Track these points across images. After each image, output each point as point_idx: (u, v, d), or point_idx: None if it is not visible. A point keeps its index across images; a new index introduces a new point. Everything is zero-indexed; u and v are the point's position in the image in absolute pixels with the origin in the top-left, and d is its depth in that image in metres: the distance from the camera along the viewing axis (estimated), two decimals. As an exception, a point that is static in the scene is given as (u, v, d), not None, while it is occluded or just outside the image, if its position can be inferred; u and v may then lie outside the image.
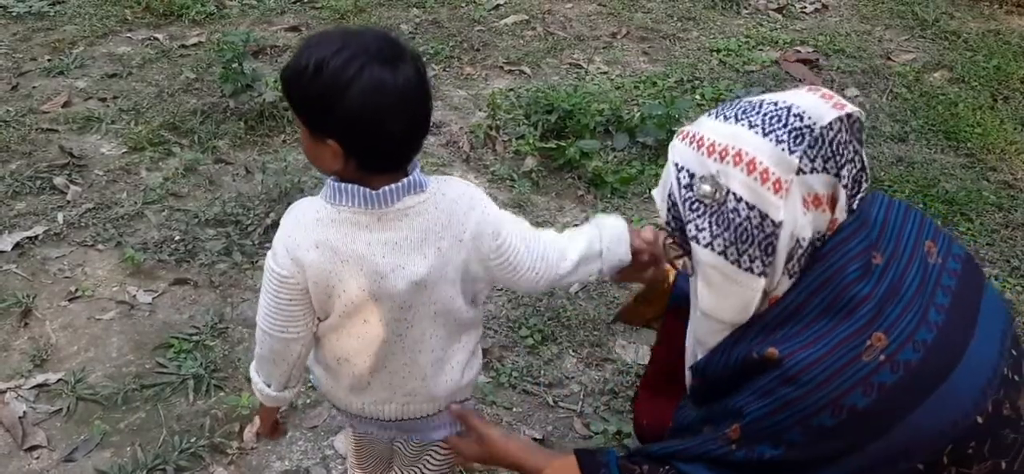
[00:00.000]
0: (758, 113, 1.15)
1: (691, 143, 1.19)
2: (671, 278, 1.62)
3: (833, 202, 1.14)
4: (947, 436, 1.09)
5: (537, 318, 2.53)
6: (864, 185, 1.18)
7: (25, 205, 2.95)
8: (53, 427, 2.17)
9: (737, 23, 4.60)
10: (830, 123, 1.12)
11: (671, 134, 3.40)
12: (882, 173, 3.32)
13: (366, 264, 1.30)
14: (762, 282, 1.15)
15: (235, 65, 3.40)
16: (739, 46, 4.31)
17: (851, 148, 1.15)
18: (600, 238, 1.46)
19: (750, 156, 1.12)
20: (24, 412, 2.19)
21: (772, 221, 1.12)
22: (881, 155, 3.46)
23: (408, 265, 1.31)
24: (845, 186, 1.14)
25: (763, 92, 3.93)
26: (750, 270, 1.15)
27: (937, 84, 4.05)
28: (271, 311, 1.36)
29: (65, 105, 3.56)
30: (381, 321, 1.36)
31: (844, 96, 3.93)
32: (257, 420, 2.17)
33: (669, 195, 1.22)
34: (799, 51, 4.28)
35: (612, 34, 4.42)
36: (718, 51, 4.26)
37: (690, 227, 1.18)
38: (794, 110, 1.13)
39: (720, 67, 4.12)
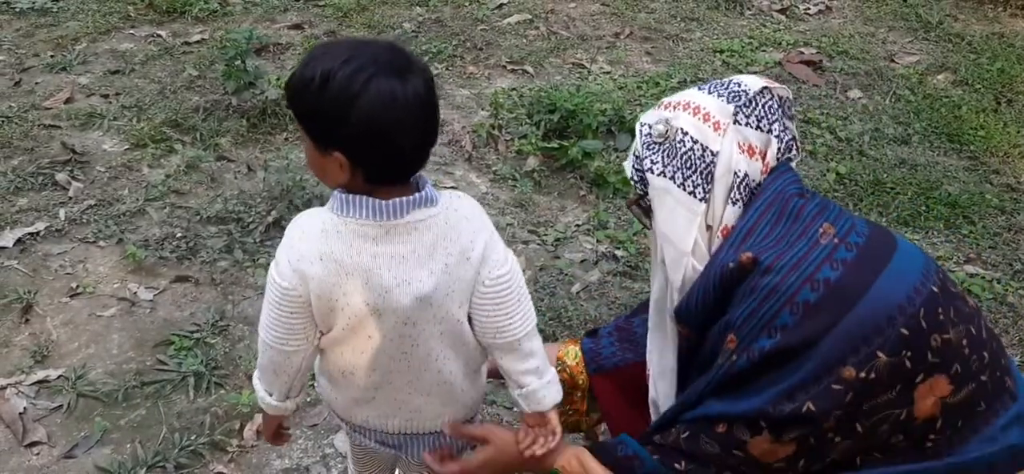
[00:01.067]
0: (707, 84, 1.46)
1: (654, 109, 1.48)
2: (561, 354, 1.77)
3: (764, 156, 1.39)
4: (915, 300, 1.26)
5: (538, 318, 2.51)
6: (794, 153, 1.43)
7: (27, 201, 2.95)
8: (53, 423, 2.17)
9: (740, 24, 4.60)
10: (760, 90, 1.40)
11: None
12: (885, 176, 3.31)
13: (371, 277, 1.28)
14: (703, 207, 1.38)
15: (238, 62, 3.40)
16: (742, 47, 4.30)
17: (780, 115, 1.41)
18: (541, 374, 1.41)
19: (696, 104, 1.41)
20: (25, 408, 2.19)
21: (711, 151, 1.37)
22: (884, 157, 3.45)
23: (414, 280, 1.29)
24: (776, 138, 1.39)
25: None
26: (693, 195, 1.38)
27: (940, 86, 4.05)
28: (272, 323, 1.33)
29: (68, 101, 3.56)
30: (385, 337, 1.33)
31: (847, 97, 3.95)
32: (258, 418, 2.17)
33: (633, 154, 1.47)
34: (802, 52, 4.27)
35: (615, 34, 4.41)
36: (721, 52, 4.26)
37: (646, 162, 1.43)
38: (734, 81, 1.43)
39: (723, 68, 4.11)
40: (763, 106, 1.40)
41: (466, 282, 1.32)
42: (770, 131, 1.39)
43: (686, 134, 1.39)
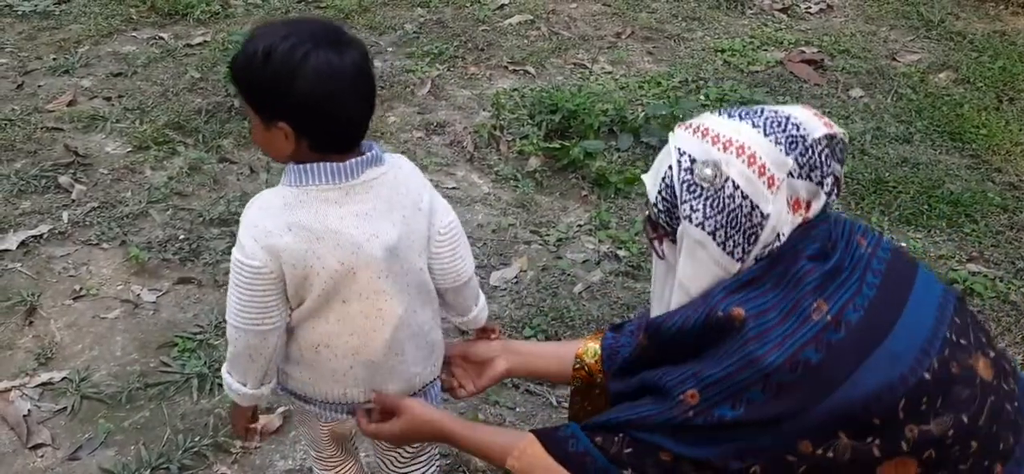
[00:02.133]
0: (760, 116, 1.28)
1: (695, 132, 1.29)
2: (580, 350, 1.69)
3: (809, 206, 1.28)
4: (897, 391, 1.17)
5: (541, 318, 2.53)
6: (835, 197, 1.31)
7: (30, 204, 2.96)
8: (57, 425, 2.17)
9: (742, 23, 4.60)
10: (820, 138, 1.25)
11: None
12: (887, 174, 3.31)
13: (342, 237, 1.34)
14: (737, 266, 1.27)
15: (240, 64, 3.41)
16: (744, 46, 4.30)
17: (833, 164, 1.28)
18: (477, 300, 1.61)
19: (751, 150, 1.24)
20: (29, 410, 2.20)
21: (761, 212, 1.23)
22: (886, 156, 3.45)
23: (381, 232, 1.36)
24: (826, 193, 1.27)
25: (767, 93, 3.92)
26: (731, 254, 1.25)
27: (942, 85, 4.04)
28: (244, 306, 1.36)
29: (70, 104, 3.57)
30: (359, 296, 1.38)
31: (849, 96, 3.95)
32: (262, 420, 2.17)
33: (663, 178, 1.31)
34: (804, 51, 4.27)
35: (616, 34, 4.42)
36: (723, 51, 4.26)
37: (685, 207, 1.27)
38: (792, 120, 1.26)
39: (725, 67, 4.11)
40: (820, 155, 1.25)
41: (421, 232, 1.42)
42: (821, 183, 1.26)
43: (737, 188, 1.22)
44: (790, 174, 1.23)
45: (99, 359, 2.37)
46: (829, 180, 1.27)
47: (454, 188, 3.11)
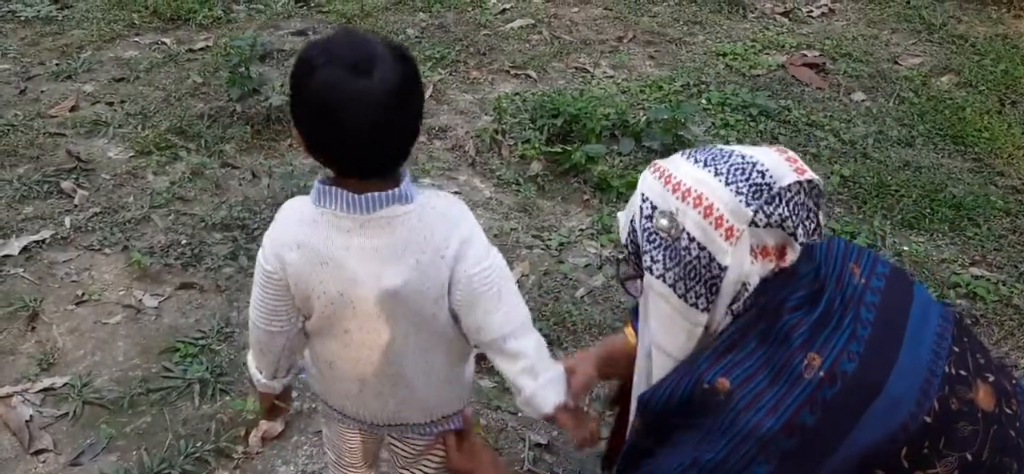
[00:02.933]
0: (726, 162, 1.22)
1: (660, 177, 1.26)
2: (630, 336, 1.65)
3: (781, 252, 1.21)
4: (898, 440, 1.14)
5: (542, 323, 2.52)
6: (817, 238, 1.24)
7: (32, 209, 2.96)
8: (59, 431, 2.17)
9: (743, 27, 4.60)
10: (789, 185, 1.19)
11: (677, 138, 3.41)
12: (889, 178, 3.31)
13: (344, 269, 1.31)
14: (704, 317, 1.22)
15: (242, 69, 3.41)
16: (745, 50, 4.30)
17: (807, 210, 1.21)
18: (535, 375, 1.40)
19: (709, 201, 1.20)
20: (31, 416, 2.20)
21: (718, 264, 1.19)
22: (888, 159, 3.45)
23: (384, 275, 1.30)
24: (799, 243, 1.20)
25: (769, 97, 3.91)
26: (695, 306, 1.22)
27: (944, 88, 4.04)
28: (257, 302, 1.39)
29: (72, 109, 3.58)
30: (361, 329, 1.36)
31: (851, 100, 3.94)
32: (264, 425, 2.17)
33: (632, 221, 1.29)
34: (805, 55, 4.27)
35: (618, 38, 4.42)
36: (724, 55, 4.26)
37: (646, 257, 1.25)
38: (759, 167, 1.20)
39: (726, 71, 4.11)
40: (789, 204, 1.19)
41: (439, 280, 1.32)
42: (794, 233, 1.20)
43: (693, 240, 1.20)
44: (754, 223, 1.18)
45: (101, 364, 2.37)
46: (802, 229, 1.21)
47: (456, 192, 3.11)
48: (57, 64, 3.93)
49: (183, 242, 2.82)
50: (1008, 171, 3.41)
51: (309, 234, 1.30)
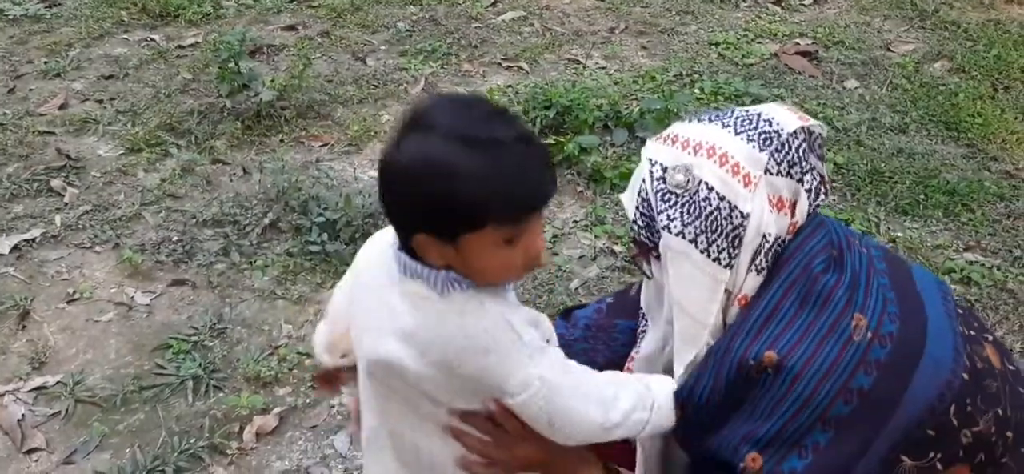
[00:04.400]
0: (731, 117, 1.23)
1: (665, 141, 1.25)
2: None
3: (794, 207, 1.21)
4: (946, 398, 1.13)
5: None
6: (822, 196, 1.24)
7: (22, 208, 2.94)
8: (52, 429, 2.16)
9: (735, 16, 4.58)
10: (795, 131, 1.20)
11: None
12: (883, 164, 3.31)
13: (356, 318, 1.26)
14: (727, 274, 1.19)
15: (231, 65, 3.39)
16: (738, 39, 4.29)
17: (812, 159, 1.22)
18: (649, 388, 1.26)
19: (722, 150, 1.19)
20: (23, 415, 2.18)
21: (741, 212, 1.17)
22: (882, 146, 3.44)
23: (384, 341, 1.18)
24: (807, 191, 1.21)
25: (762, 85, 3.91)
26: (717, 260, 1.19)
27: (937, 74, 4.04)
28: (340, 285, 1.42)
29: (62, 107, 3.55)
30: (363, 375, 1.28)
31: (844, 88, 3.94)
32: (258, 420, 2.16)
33: (639, 192, 1.26)
34: (798, 44, 4.26)
35: (610, 29, 4.40)
36: (717, 45, 4.24)
37: (661, 217, 1.22)
38: (764, 116, 1.21)
39: (719, 60, 4.10)
40: (796, 150, 1.19)
41: (449, 388, 1.18)
42: (801, 180, 1.20)
43: (712, 190, 1.18)
44: (768, 171, 1.18)
45: (93, 362, 2.35)
46: (809, 177, 1.21)
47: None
48: (46, 62, 3.90)
49: (174, 239, 2.80)
50: (1001, 156, 3.41)
51: (363, 270, 1.28)
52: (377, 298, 1.21)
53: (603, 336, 1.59)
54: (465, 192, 1.07)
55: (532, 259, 1.17)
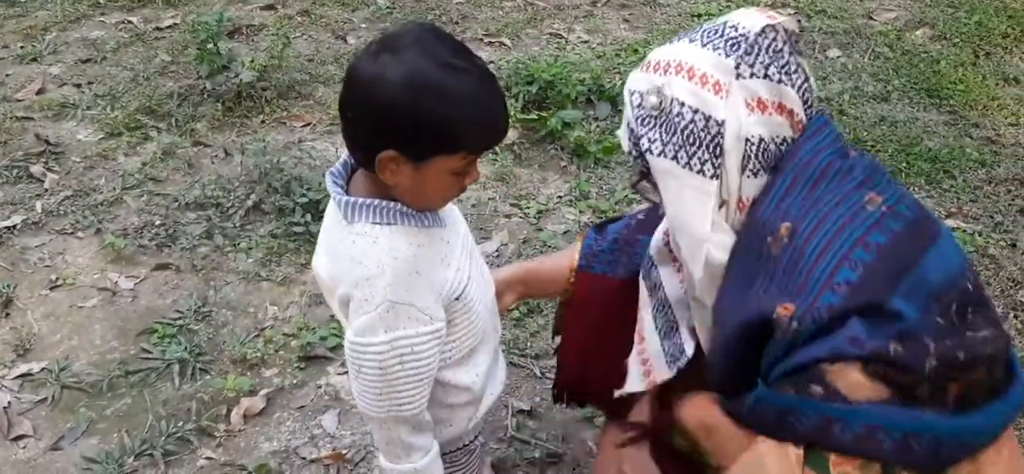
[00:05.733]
0: (698, 31, 1.25)
1: (641, 70, 1.29)
2: (574, 259, 1.68)
3: (784, 108, 1.21)
4: (951, 290, 1.14)
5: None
6: (812, 95, 1.24)
7: (2, 195, 2.91)
8: (38, 416, 2.15)
9: (718, -13, 4.57)
10: (763, 30, 1.20)
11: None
12: (864, 133, 3.32)
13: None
14: (714, 184, 1.21)
15: (210, 46, 3.36)
16: (720, 10, 4.28)
17: (790, 57, 1.21)
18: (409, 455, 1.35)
19: (689, 64, 1.21)
20: (8, 402, 2.17)
21: (715, 121, 1.19)
22: (864, 115, 3.45)
23: (320, 256, 1.34)
24: (794, 87, 1.21)
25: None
26: (702, 173, 1.21)
27: (919, 42, 4.05)
28: None
29: (39, 92, 3.51)
30: None
31: (826, 57, 3.93)
32: (245, 402, 2.16)
33: (627, 124, 1.30)
34: (781, 13, 4.25)
35: (592, 2, 4.38)
36: (699, 17, 4.23)
37: (643, 141, 1.26)
38: (729, 23, 1.23)
39: (701, 32, 4.09)
40: (767, 50, 1.19)
41: (338, 305, 1.31)
42: (781, 79, 1.20)
43: (684, 105, 1.21)
44: (740, 76, 1.18)
45: (78, 348, 2.34)
46: (791, 75, 1.20)
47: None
48: (22, 47, 3.85)
49: (157, 223, 2.78)
50: (983, 122, 3.43)
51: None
52: (325, 221, 1.33)
53: (627, 250, 1.64)
54: (454, 114, 1.14)
55: (462, 191, 1.26)
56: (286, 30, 3.92)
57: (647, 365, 1.53)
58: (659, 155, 1.24)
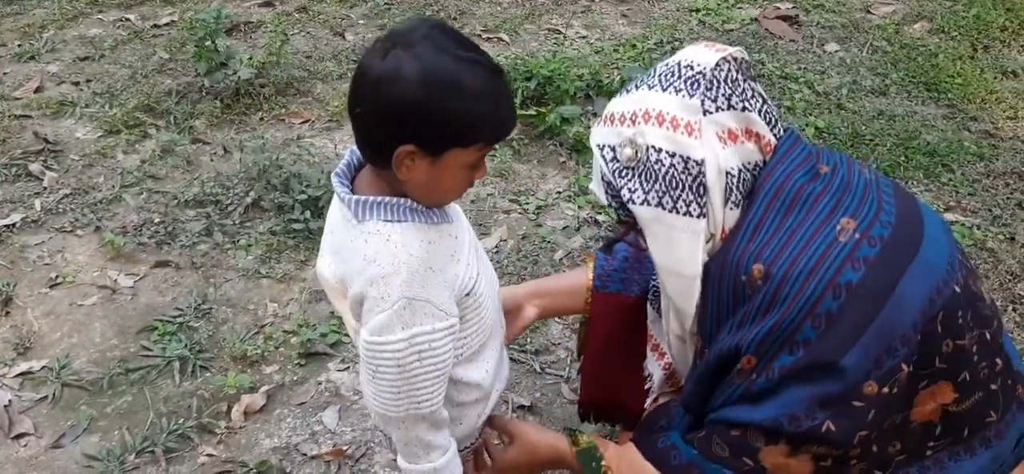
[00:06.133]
0: (654, 76, 1.27)
1: (605, 123, 1.29)
2: (589, 281, 1.70)
3: (751, 133, 1.24)
4: (936, 303, 1.15)
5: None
6: (774, 114, 1.27)
7: (1, 193, 2.91)
8: (39, 414, 2.15)
9: (716, -18, 4.56)
10: (718, 64, 1.22)
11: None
12: (863, 127, 3.32)
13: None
14: (702, 223, 1.23)
15: (208, 43, 3.35)
16: (718, 5, 4.28)
17: (746, 85, 1.24)
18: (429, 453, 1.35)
19: (657, 110, 1.22)
20: (9, 400, 2.17)
21: (694, 160, 1.21)
22: (862, 109, 3.46)
23: (324, 256, 1.33)
24: (757, 112, 1.24)
25: (743, 51, 3.89)
26: (689, 214, 1.22)
27: (917, 35, 4.05)
28: None
29: (37, 90, 3.51)
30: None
31: (824, 51, 3.93)
32: (246, 399, 2.17)
33: (602, 178, 1.30)
34: (779, 8, 4.25)
35: (590, -2, 4.38)
36: (697, 11, 4.23)
37: (624, 192, 1.26)
38: (684, 63, 1.24)
39: (699, 27, 4.09)
40: (726, 81, 1.22)
41: (349, 306, 1.29)
42: (744, 106, 1.23)
43: (660, 150, 1.22)
44: (706, 112, 1.21)
45: (78, 346, 2.34)
46: (751, 100, 1.23)
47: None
48: (19, 45, 3.85)
49: (156, 220, 2.78)
50: (981, 116, 3.43)
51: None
52: (329, 222, 1.33)
53: (638, 266, 1.66)
54: (471, 108, 1.16)
55: (471, 185, 1.28)
56: (284, 27, 3.92)
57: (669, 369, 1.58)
58: (642, 204, 1.24)
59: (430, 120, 1.15)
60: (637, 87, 1.27)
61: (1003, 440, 1.25)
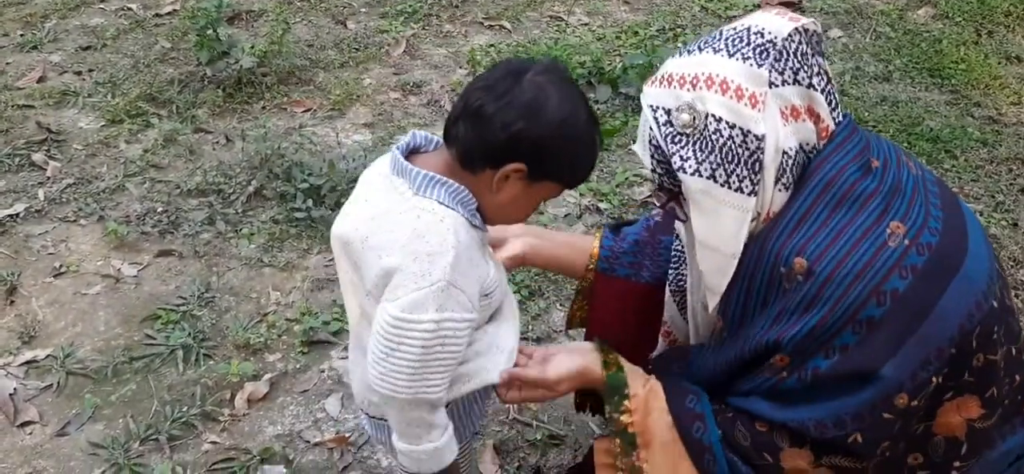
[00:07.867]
0: (720, 39, 1.18)
1: (661, 84, 1.22)
2: (594, 249, 1.64)
3: (813, 113, 1.17)
4: (974, 318, 1.12)
5: (524, 273, 2.53)
6: (835, 97, 1.21)
7: (4, 183, 2.92)
8: (44, 402, 2.17)
9: (719, -32, 4.55)
10: (789, 35, 1.15)
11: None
12: (866, 113, 3.31)
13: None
14: (752, 201, 1.16)
15: (210, 32, 3.35)
16: (721, -9, 4.27)
17: (815, 60, 1.18)
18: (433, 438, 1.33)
19: (721, 77, 1.14)
20: (15, 389, 2.19)
21: (755, 136, 1.14)
22: (866, 96, 3.45)
23: (348, 219, 1.30)
24: (822, 92, 1.17)
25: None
26: (740, 190, 1.16)
27: (921, 21, 4.03)
28: None
29: (40, 80, 3.51)
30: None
31: (827, 37, 3.92)
32: (249, 387, 2.17)
33: (650, 141, 1.23)
34: (781, -6, 4.24)
35: (593, -16, 4.36)
36: (700, -3, 4.22)
37: (675, 159, 1.18)
38: (754, 29, 1.16)
39: (702, 13, 4.08)
40: (796, 55, 1.15)
41: (373, 276, 1.25)
42: (810, 84, 1.15)
43: (721, 121, 1.14)
44: (772, 85, 1.13)
45: (83, 335, 2.35)
46: (818, 78, 1.17)
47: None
48: (22, 35, 3.85)
49: (159, 210, 2.79)
50: (984, 102, 3.42)
51: (368, 176, 1.36)
52: (363, 190, 1.32)
53: (649, 251, 1.60)
54: (585, 158, 1.25)
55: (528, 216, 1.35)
56: (285, 15, 3.92)
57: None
58: (693, 174, 1.17)
59: (553, 154, 1.20)
60: (701, 49, 1.18)
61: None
